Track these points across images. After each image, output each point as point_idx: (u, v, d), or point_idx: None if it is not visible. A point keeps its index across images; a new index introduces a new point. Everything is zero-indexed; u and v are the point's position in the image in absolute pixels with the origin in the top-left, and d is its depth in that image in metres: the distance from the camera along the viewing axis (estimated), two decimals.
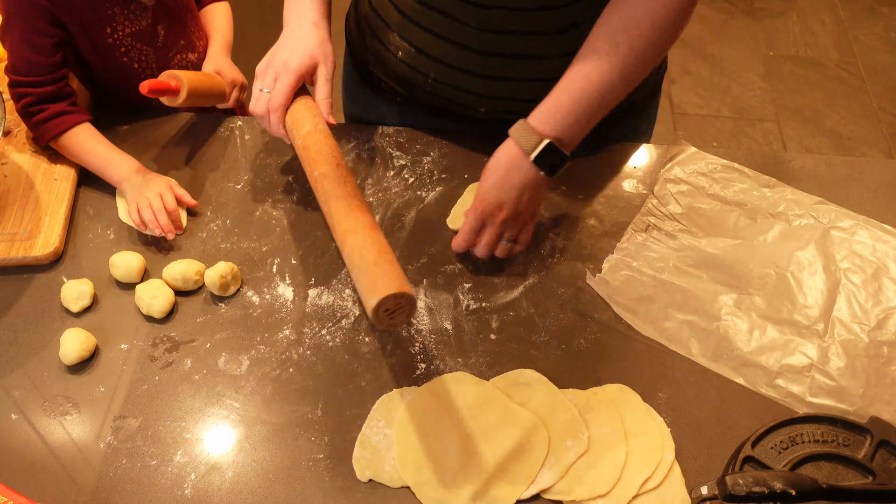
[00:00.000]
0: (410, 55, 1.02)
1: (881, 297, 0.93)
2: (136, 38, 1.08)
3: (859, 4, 2.93)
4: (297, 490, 0.79)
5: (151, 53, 1.11)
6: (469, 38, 0.95)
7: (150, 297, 0.90)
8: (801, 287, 0.94)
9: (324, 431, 0.83)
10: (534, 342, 0.90)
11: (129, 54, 1.09)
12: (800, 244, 0.98)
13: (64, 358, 0.87)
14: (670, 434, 0.82)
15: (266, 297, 0.94)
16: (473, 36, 0.95)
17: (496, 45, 0.95)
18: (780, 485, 0.65)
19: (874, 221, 1.00)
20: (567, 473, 0.79)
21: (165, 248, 0.98)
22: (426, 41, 0.99)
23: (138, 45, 1.09)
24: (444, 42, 0.97)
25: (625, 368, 0.88)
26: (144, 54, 1.10)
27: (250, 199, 1.03)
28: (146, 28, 1.08)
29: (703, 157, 1.07)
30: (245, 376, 0.87)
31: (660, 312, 0.92)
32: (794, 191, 1.04)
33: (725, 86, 2.63)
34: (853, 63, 2.71)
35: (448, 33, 0.96)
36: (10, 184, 1.02)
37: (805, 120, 2.52)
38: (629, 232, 0.99)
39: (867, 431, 0.75)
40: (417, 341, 0.90)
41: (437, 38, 0.97)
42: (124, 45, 1.07)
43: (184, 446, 0.82)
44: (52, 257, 0.96)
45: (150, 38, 1.10)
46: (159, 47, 1.11)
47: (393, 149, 1.09)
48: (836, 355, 0.88)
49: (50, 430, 0.83)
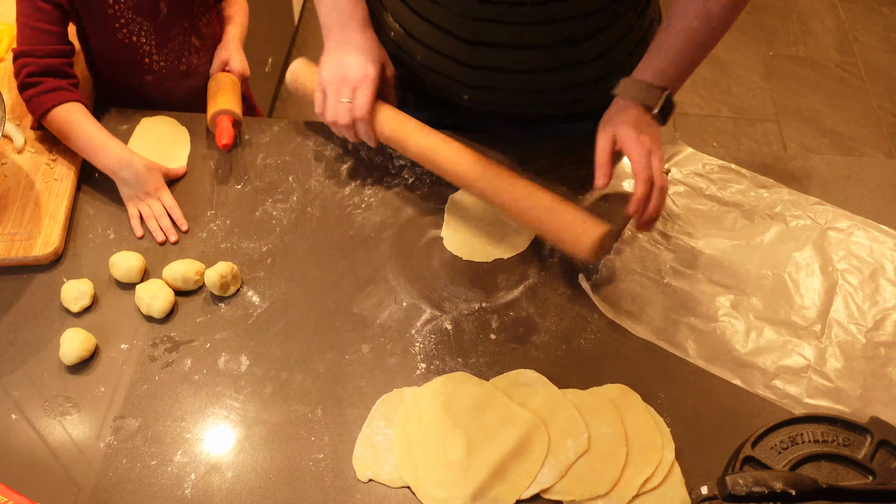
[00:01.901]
0: (400, 36, 1.03)
1: (878, 298, 0.93)
2: (136, 11, 1.08)
3: (859, 4, 2.93)
4: (297, 490, 0.79)
5: (152, 30, 1.10)
6: (456, 26, 0.96)
7: (150, 297, 0.90)
8: (799, 288, 0.94)
9: (324, 431, 0.83)
10: (534, 342, 0.90)
11: (129, 27, 1.08)
12: (797, 245, 0.98)
13: (64, 358, 0.87)
14: (670, 434, 0.82)
15: (266, 297, 0.94)
16: (460, 23, 0.95)
17: (483, 33, 0.95)
18: (780, 485, 0.65)
19: (871, 222, 1.00)
20: (567, 473, 0.79)
21: (164, 245, 0.98)
22: (415, 24, 1.00)
23: (138, 19, 1.08)
24: (431, 27, 0.98)
25: (625, 368, 0.88)
26: (144, 29, 1.10)
27: (250, 199, 1.03)
28: (147, 2, 1.08)
29: (700, 158, 1.07)
30: (245, 376, 0.87)
31: (657, 314, 0.92)
32: (792, 191, 1.04)
33: (725, 86, 2.63)
34: (853, 63, 2.71)
35: (436, 18, 0.97)
36: (10, 184, 1.02)
37: (805, 120, 2.52)
38: (626, 233, 0.99)
39: (867, 431, 0.75)
40: (417, 341, 0.90)
41: (424, 21, 0.98)
42: (124, 17, 1.07)
43: (184, 446, 0.82)
44: (52, 257, 0.96)
45: (152, 12, 1.09)
46: (160, 23, 1.10)
47: (393, 149, 1.09)
48: (833, 356, 0.88)
49: (50, 430, 0.83)
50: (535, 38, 0.96)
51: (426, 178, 1.05)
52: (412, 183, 1.05)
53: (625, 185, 1.05)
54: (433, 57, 1.01)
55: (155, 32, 1.11)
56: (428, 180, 1.05)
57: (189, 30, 1.14)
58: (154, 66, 1.14)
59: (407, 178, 1.05)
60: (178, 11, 1.11)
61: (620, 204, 1.03)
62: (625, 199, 1.03)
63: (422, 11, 0.98)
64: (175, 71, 1.16)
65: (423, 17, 0.98)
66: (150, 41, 1.11)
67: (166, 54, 1.13)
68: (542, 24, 0.94)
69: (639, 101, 0.92)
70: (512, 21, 0.94)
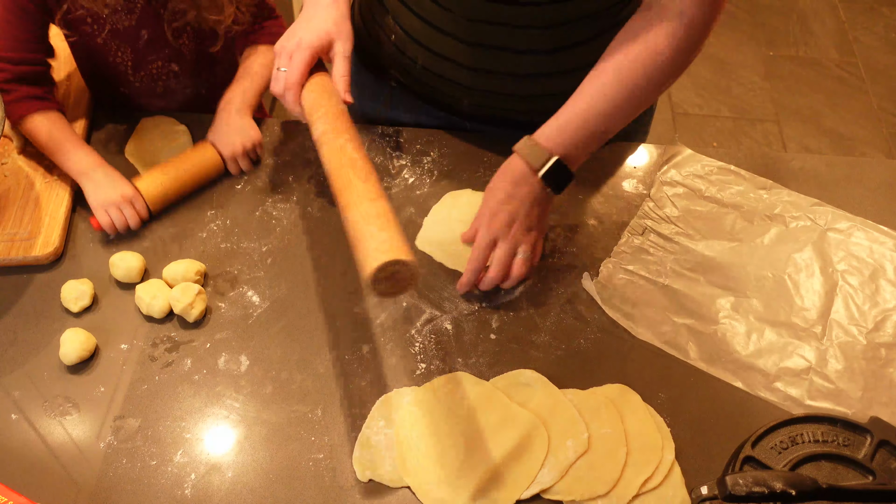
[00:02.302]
0: (401, 39, 1.03)
1: (878, 299, 0.93)
2: (113, 35, 1.04)
3: (859, 4, 2.93)
4: (297, 490, 0.79)
5: (128, 52, 1.07)
6: (457, 28, 0.96)
7: (150, 297, 0.90)
8: (799, 289, 0.94)
9: (324, 431, 0.83)
10: (534, 342, 0.90)
11: (108, 45, 1.05)
12: (797, 246, 0.98)
13: (64, 358, 0.87)
14: (670, 434, 0.82)
15: (266, 296, 0.94)
16: (462, 26, 0.95)
17: (484, 36, 0.95)
18: (780, 485, 0.65)
19: (871, 223, 1.00)
20: (567, 473, 0.79)
21: (164, 245, 0.98)
22: (416, 27, 0.99)
23: (115, 41, 1.05)
24: (432, 29, 0.98)
25: (625, 368, 0.88)
26: (122, 51, 1.06)
27: (250, 199, 1.03)
28: (126, 29, 1.04)
29: (700, 160, 1.07)
30: (245, 376, 0.87)
31: (657, 316, 0.92)
32: (791, 192, 1.04)
33: (725, 86, 2.63)
34: (853, 63, 2.71)
35: (437, 21, 0.97)
36: (10, 184, 1.02)
37: (805, 120, 2.52)
38: (626, 235, 0.99)
39: (867, 431, 0.75)
40: (417, 341, 0.90)
41: (426, 24, 0.98)
42: (101, 37, 1.04)
43: (184, 446, 0.82)
44: (52, 257, 0.96)
45: (130, 38, 1.05)
46: (139, 48, 1.07)
47: (393, 149, 1.09)
48: (834, 358, 0.88)
49: (50, 430, 0.83)
50: (537, 41, 0.95)
51: (426, 178, 1.05)
52: (412, 183, 1.05)
53: (625, 185, 1.05)
54: (434, 59, 1.01)
55: (132, 55, 1.07)
56: (428, 180, 1.05)
57: (170, 56, 1.09)
58: (135, 83, 1.11)
59: (407, 177, 1.05)
60: (160, 39, 1.06)
61: (620, 204, 1.03)
62: (624, 199, 1.03)
63: (423, 13, 0.97)
64: (151, 91, 1.13)
65: (424, 20, 0.98)
66: (126, 62, 1.08)
67: (142, 77, 1.10)
68: (544, 27, 0.94)
69: (523, 159, 0.88)
70: (514, 24, 0.93)
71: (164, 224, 1.00)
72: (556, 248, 0.98)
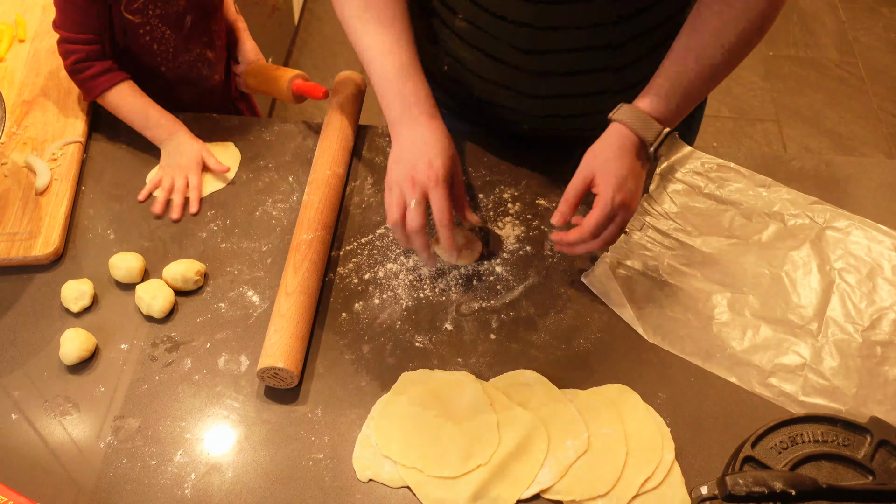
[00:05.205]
0: (455, 69, 1.02)
1: (875, 298, 0.93)
2: (162, 20, 1.08)
3: (859, 4, 2.93)
4: (297, 490, 0.79)
5: (172, 40, 1.11)
6: (518, 59, 0.94)
7: (150, 297, 0.90)
8: (796, 286, 0.94)
9: (324, 431, 0.83)
10: (534, 342, 0.90)
11: (153, 33, 1.09)
12: (795, 244, 0.98)
13: (64, 358, 0.87)
14: (670, 434, 0.82)
15: (266, 297, 0.94)
16: (523, 57, 0.94)
17: (547, 64, 0.94)
18: (780, 485, 0.65)
19: (869, 221, 1.00)
20: (567, 473, 0.79)
21: (164, 245, 0.98)
22: (471, 58, 0.98)
23: (162, 28, 1.09)
24: (490, 60, 0.96)
25: (625, 368, 0.88)
26: (166, 38, 1.10)
27: (250, 199, 1.03)
28: (174, 14, 1.09)
29: (699, 157, 1.07)
30: (245, 376, 0.87)
31: (654, 311, 0.92)
32: (790, 190, 1.04)
33: (725, 86, 2.62)
34: (853, 63, 2.71)
35: (495, 52, 0.95)
36: (10, 184, 1.02)
37: (805, 120, 2.52)
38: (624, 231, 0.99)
39: (867, 431, 0.75)
40: (417, 341, 0.90)
41: (484, 55, 0.96)
42: (150, 23, 1.08)
43: (184, 446, 0.82)
44: (52, 257, 0.96)
45: (176, 24, 1.10)
46: (183, 35, 1.11)
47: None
48: (829, 355, 0.88)
49: (50, 430, 0.83)
50: (606, 61, 0.94)
51: None
52: None
53: None
54: (490, 88, 1.00)
55: (174, 44, 1.11)
56: None
57: (207, 44, 1.15)
58: (168, 74, 1.14)
59: None
60: (200, 26, 1.12)
61: None
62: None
63: (480, 45, 0.95)
64: (185, 79, 1.16)
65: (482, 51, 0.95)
66: (168, 50, 1.12)
67: (180, 63, 1.14)
68: (613, 47, 0.93)
69: (634, 132, 0.86)
70: (579, 48, 0.92)
71: (164, 224, 1.00)
72: None
